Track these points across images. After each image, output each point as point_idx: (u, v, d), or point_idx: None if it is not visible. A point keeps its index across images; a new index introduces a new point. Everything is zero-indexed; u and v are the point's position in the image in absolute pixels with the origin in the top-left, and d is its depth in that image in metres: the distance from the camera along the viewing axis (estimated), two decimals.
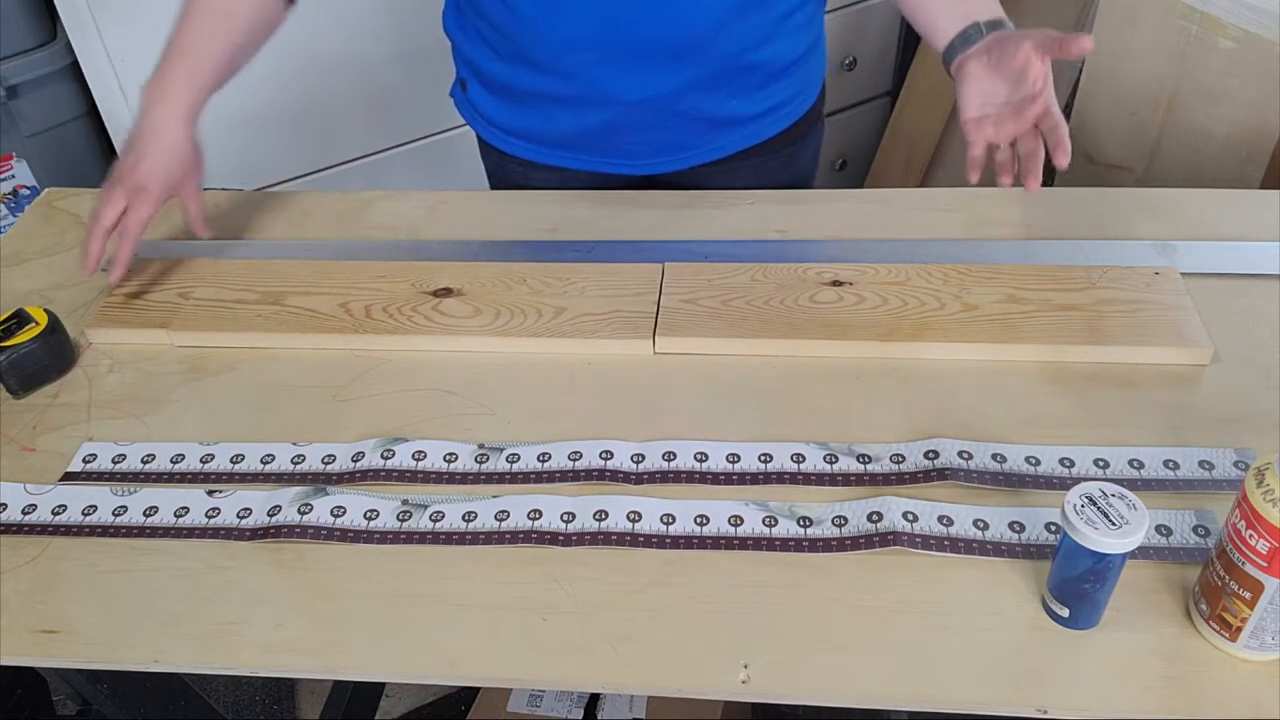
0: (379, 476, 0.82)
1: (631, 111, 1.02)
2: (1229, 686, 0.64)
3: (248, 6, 0.97)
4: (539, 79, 1.02)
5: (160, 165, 0.94)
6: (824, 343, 0.89)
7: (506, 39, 1.01)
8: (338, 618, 0.72)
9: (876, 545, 0.73)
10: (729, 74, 1.01)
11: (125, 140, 0.96)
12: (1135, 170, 1.73)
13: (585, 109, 1.03)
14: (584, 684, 0.69)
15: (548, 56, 0.99)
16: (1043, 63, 0.82)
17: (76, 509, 0.81)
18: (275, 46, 0.99)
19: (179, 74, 0.95)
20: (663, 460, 0.81)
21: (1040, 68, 0.82)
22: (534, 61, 1.00)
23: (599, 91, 1.00)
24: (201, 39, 0.96)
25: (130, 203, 0.94)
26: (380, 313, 0.95)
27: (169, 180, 0.95)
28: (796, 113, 1.10)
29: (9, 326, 0.92)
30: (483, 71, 1.07)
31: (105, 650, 0.72)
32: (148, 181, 0.94)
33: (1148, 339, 0.86)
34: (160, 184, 0.95)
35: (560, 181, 1.12)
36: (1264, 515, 0.59)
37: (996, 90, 0.85)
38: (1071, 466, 0.77)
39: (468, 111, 1.15)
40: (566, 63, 0.99)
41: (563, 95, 1.02)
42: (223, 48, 0.96)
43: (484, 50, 1.05)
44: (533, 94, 1.04)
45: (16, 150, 1.56)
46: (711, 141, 1.07)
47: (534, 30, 0.97)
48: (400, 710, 1.60)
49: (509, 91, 1.06)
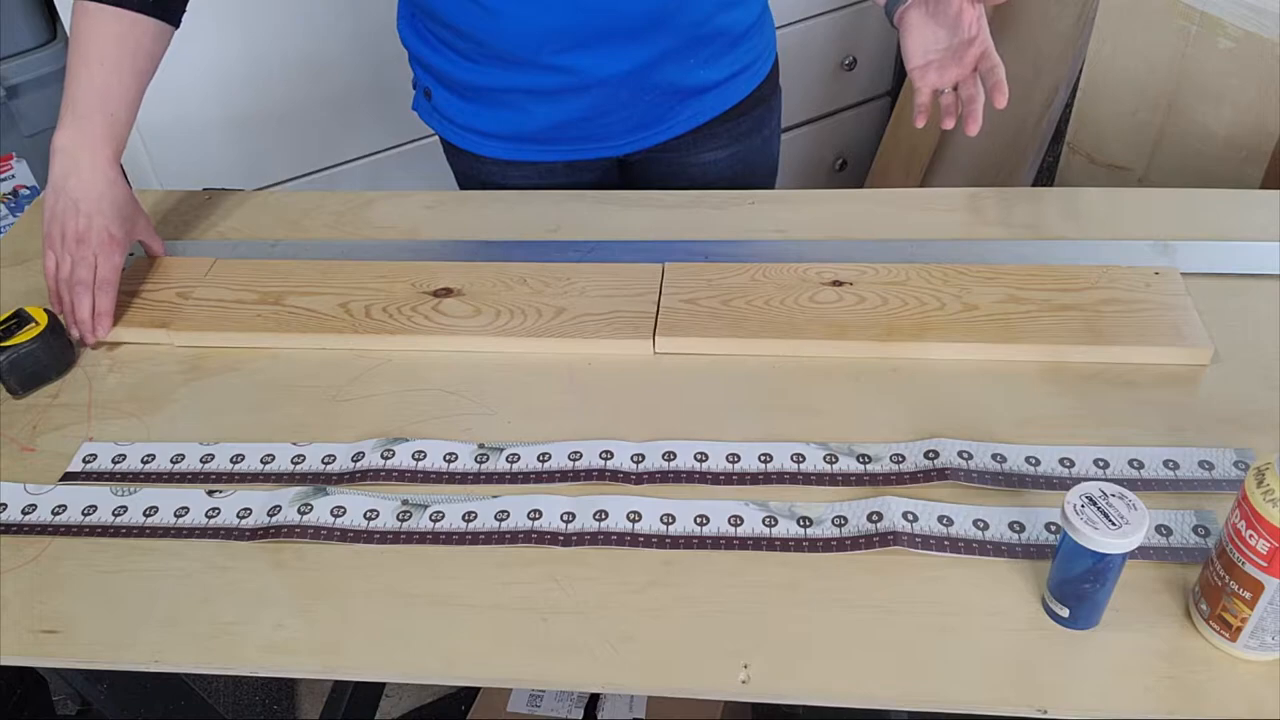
0: (379, 476, 0.82)
1: (608, 92, 1.04)
2: (1229, 686, 0.64)
3: (148, 40, 0.95)
4: (514, 75, 1.03)
5: (116, 216, 0.94)
6: (824, 343, 0.89)
7: (474, 41, 1.01)
8: (338, 618, 0.72)
9: (876, 545, 0.73)
10: (696, 42, 1.04)
11: (50, 199, 0.94)
12: (1135, 170, 1.74)
13: (563, 97, 1.04)
14: (584, 684, 0.69)
15: (524, 50, 1.00)
16: (974, 8, 0.89)
17: (76, 509, 0.81)
18: (275, 46, 0.99)
19: (98, 126, 0.93)
20: (663, 460, 0.81)
21: (972, 12, 0.89)
22: (508, 58, 1.01)
23: (576, 77, 1.02)
24: (111, 83, 0.94)
25: (100, 256, 0.93)
26: (380, 313, 0.95)
27: (128, 227, 0.96)
28: (759, 75, 1.13)
29: (9, 326, 0.92)
30: (448, 77, 1.08)
31: (105, 650, 0.72)
32: (113, 231, 0.94)
33: (1148, 339, 0.86)
34: (124, 232, 0.95)
35: (538, 175, 1.13)
36: (1264, 515, 0.59)
37: (937, 38, 0.91)
38: (1071, 466, 0.77)
39: (434, 120, 1.16)
40: (543, 53, 1.00)
41: (540, 88, 1.04)
42: (133, 89, 0.95)
43: (448, 55, 1.06)
44: (507, 91, 1.05)
45: (16, 150, 1.56)
46: (684, 112, 1.09)
47: (510, 26, 0.98)
48: (400, 710, 1.60)
49: (480, 93, 1.07)
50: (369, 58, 1.69)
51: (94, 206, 0.93)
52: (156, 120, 1.59)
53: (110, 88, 0.94)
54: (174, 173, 1.65)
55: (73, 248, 0.93)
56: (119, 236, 0.94)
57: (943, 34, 0.91)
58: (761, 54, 1.13)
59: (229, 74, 1.61)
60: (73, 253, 0.93)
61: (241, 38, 1.59)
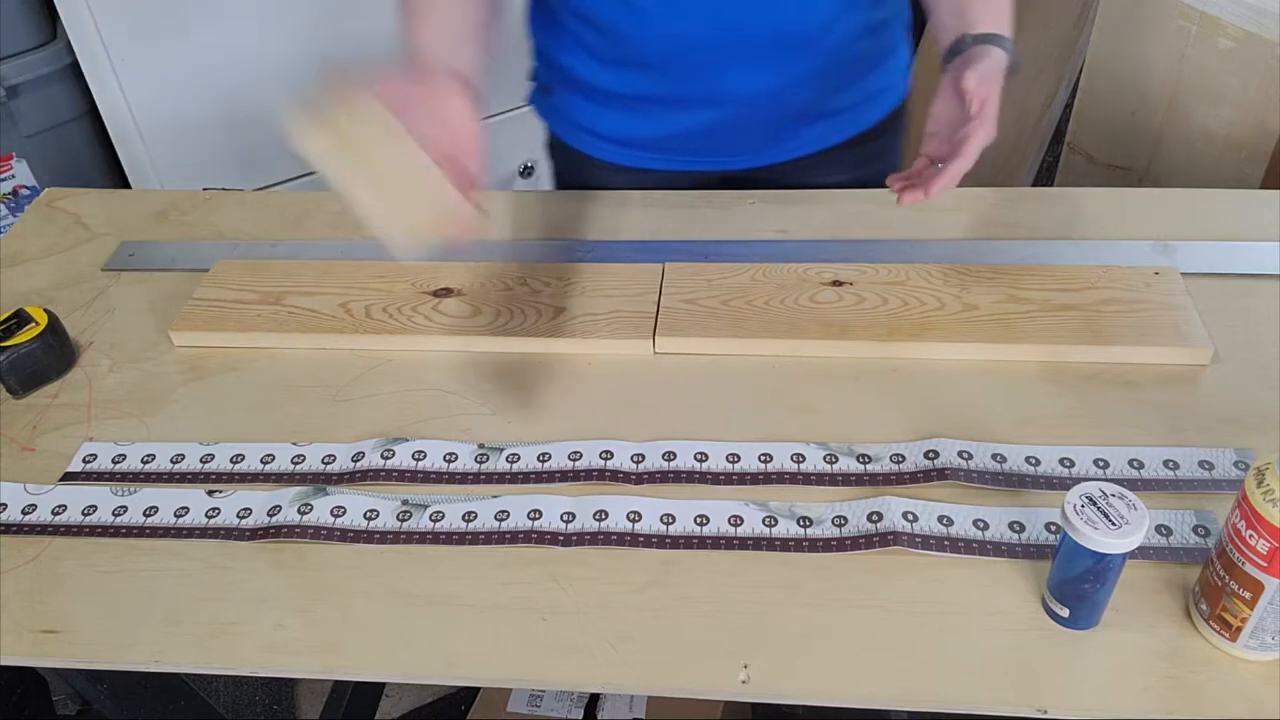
0: (379, 476, 0.82)
1: (740, 108, 1.01)
2: (1229, 686, 0.64)
3: None
4: (648, 82, 1.00)
5: None
6: (824, 343, 0.89)
7: (614, 43, 0.98)
8: (338, 618, 0.72)
9: (876, 545, 0.73)
10: (837, 65, 1.01)
11: None
12: (1135, 170, 1.74)
13: (694, 109, 1.02)
14: (584, 684, 0.69)
15: (664, 57, 0.97)
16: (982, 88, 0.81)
17: (76, 509, 0.81)
18: (275, 46, 0.99)
19: None
20: (663, 460, 0.81)
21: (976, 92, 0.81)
22: (646, 64, 0.99)
23: (712, 91, 0.99)
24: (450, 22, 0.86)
25: None
26: (380, 313, 0.95)
27: None
28: (891, 102, 1.10)
29: (9, 326, 0.92)
30: (574, 76, 1.05)
31: (105, 650, 0.72)
32: None
33: (1148, 339, 0.86)
34: None
35: (650, 182, 1.10)
36: (1264, 515, 0.59)
37: (952, 110, 0.84)
38: (1071, 466, 0.77)
39: (549, 116, 1.12)
40: (682, 63, 0.97)
41: (672, 96, 1.01)
42: None
43: (579, 56, 1.02)
44: (638, 97, 1.02)
45: (16, 150, 1.56)
46: (809, 133, 1.06)
47: (656, 31, 0.95)
48: (400, 710, 1.60)
49: (607, 96, 1.04)
50: (369, 58, 1.69)
51: None
52: (156, 120, 1.59)
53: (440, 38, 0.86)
54: (174, 173, 1.65)
55: None
56: None
57: (958, 107, 0.83)
58: (896, 80, 1.10)
59: (229, 74, 1.61)
60: None
61: (241, 38, 1.59)
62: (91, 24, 1.48)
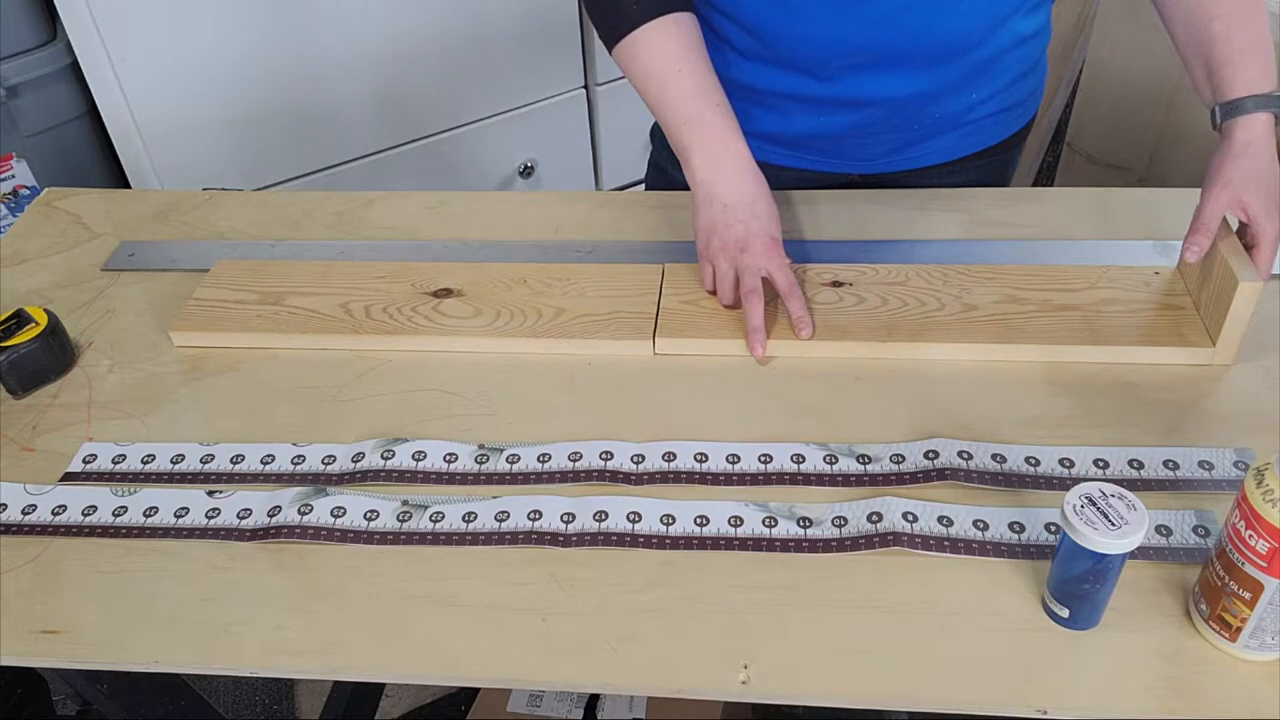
0: (379, 477, 0.82)
1: (880, 113, 1.00)
2: (1229, 686, 0.64)
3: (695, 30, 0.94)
4: (791, 81, 0.99)
5: (772, 218, 0.92)
6: (824, 343, 0.89)
7: (762, 41, 0.97)
8: (338, 618, 0.72)
9: (876, 545, 0.73)
10: (982, 75, 1.00)
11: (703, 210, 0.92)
12: (1135, 170, 1.74)
13: (833, 110, 1.01)
14: (584, 684, 0.69)
15: (813, 57, 0.97)
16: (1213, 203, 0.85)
17: (76, 509, 0.81)
18: (275, 46, 0.98)
19: (716, 120, 0.92)
20: (663, 460, 0.81)
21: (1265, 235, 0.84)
22: (792, 64, 0.98)
23: (855, 93, 0.98)
24: (699, 81, 0.92)
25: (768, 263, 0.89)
26: (380, 313, 0.96)
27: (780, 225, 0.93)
28: (1025, 116, 1.09)
29: (9, 326, 0.92)
30: None
31: (105, 650, 0.72)
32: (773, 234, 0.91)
33: (1148, 339, 0.86)
34: (780, 231, 0.92)
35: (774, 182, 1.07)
36: (1264, 515, 0.59)
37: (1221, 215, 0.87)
38: (1071, 467, 0.77)
39: None
40: (830, 65, 0.96)
41: (814, 96, 1.00)
42: (714, 78, 0.94)
43: (723, 51, 1.01)
44: (777, 95, 1.01)
45: (16, 150, 1.56)
46: (942, 142, 1.05)
47: (807, 31, 0.94)
48: (400, 710, 1.60)
49: (746, 91, 1.02)
50: (370, 58, 1.69)
51: (748, 211, 0.90)
52: (156, 120, 1.59)
53: (700, 85, 0.92)
54: (174, 173, 1.65)
55: (735, 256, 0.90)
56: (778, 237, 0.91)
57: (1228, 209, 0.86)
58: (1032, 95, 1.09)
59: (229, 74, 1.61)
60: (736, 262, 0.90)
61: (241, 38, 1.59)
62: (91, 24, 1.48)
